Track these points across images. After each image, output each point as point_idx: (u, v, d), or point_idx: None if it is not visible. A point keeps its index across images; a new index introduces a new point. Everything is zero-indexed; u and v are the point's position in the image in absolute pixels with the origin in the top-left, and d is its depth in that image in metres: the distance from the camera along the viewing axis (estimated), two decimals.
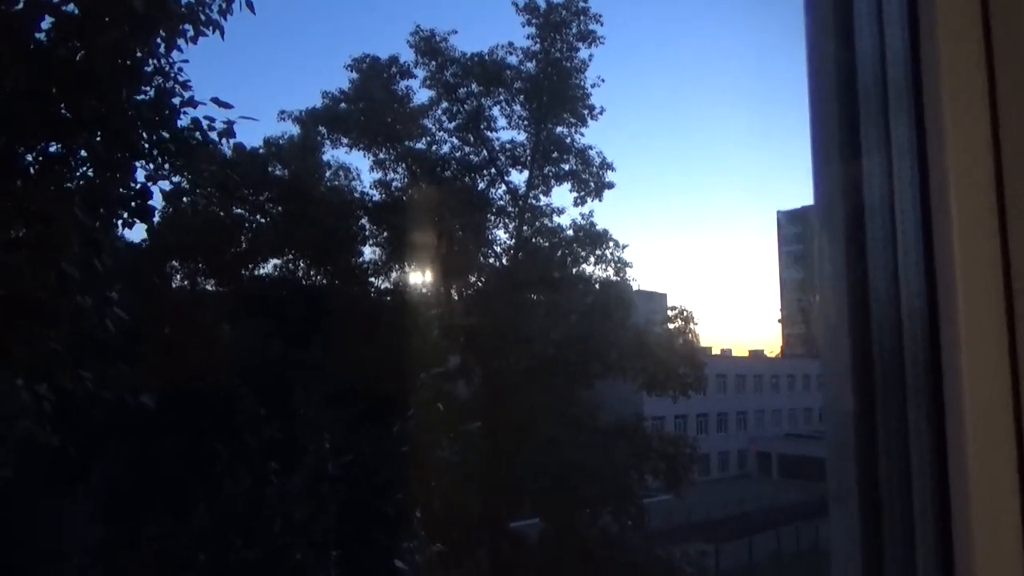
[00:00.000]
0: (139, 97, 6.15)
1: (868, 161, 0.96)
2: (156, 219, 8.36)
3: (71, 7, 5.98)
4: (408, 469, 9.21)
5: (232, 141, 6.60)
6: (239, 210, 20.55)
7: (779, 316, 55.02)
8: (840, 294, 0.98)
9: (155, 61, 6.74)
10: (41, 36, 5.84)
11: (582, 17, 23.24)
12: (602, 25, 23.28)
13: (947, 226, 0.87)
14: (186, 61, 7.02)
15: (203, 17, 6.94)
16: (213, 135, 6.61)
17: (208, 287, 20.16)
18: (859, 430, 0.97)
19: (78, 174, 6.13)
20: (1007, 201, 0.87)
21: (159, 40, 6.68)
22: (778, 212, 52.49)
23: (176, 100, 7.04)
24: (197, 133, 7.11)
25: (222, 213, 17.47)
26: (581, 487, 20.09)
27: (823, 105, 1.00)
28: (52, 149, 5.99)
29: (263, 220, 21.31)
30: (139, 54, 6.57)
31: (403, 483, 9.08)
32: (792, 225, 52.56)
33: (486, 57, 23.37)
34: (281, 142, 21.55)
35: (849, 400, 0.97)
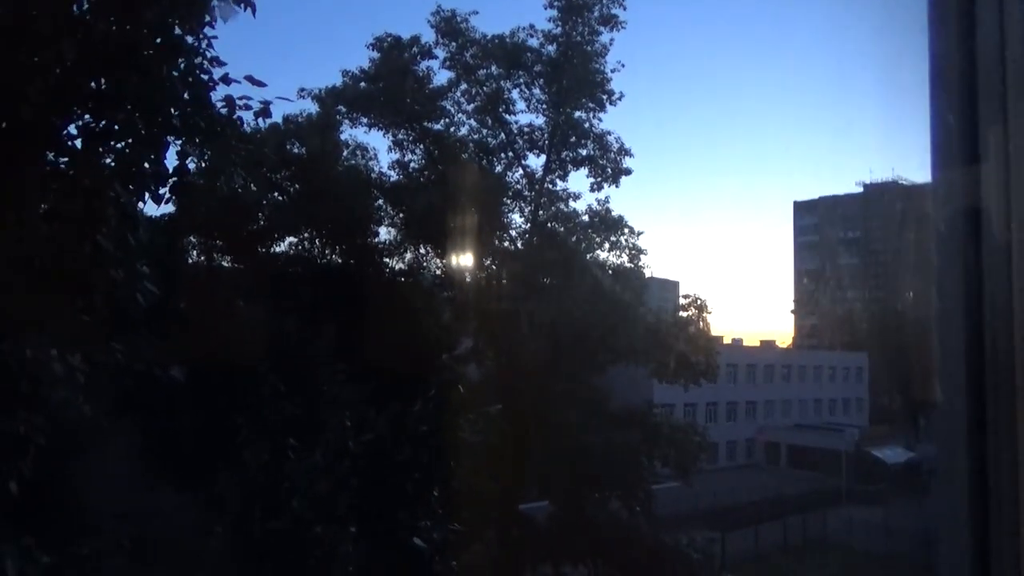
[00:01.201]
0: (174, 73, 6.18)
1: (986, 164, 0.98)
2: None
3: None
4: (428, 449, 9.31)
5: (267, 121, 6.63)
6: (256, 187, 20.61)
7: (792, 307, 54.82)
8: (957, 296, 1.00)
9: (191, 36, 6.77)
10: (82, 11, 5.89)
11: (604, 0, 23.02)
12: (625, 9, 23.08)
13: None
14: (215, 37, 7.06)
15: None
16: (247, 114, 6.65)
17: (224, 263, 20.29)
18: (971, 433, 0.99)
19: (116, 149, 6.18)
20: None
21: (193, 14, 6.71)
22: (794, 202, 52.15)
23: (207, 77, 7.07)
24: (226, 109, 7.14)
25: (254, 187, 17.39)
26: (591, 471, 20.24)
27: (942, 109, 1.03)
28: (91, 122, 6.04)
29: (281, 198, 21.38)
30: (178, 31, 6.60)
31: (423, 462, 9.19)
32: (808, 215, 52.24)
33: (507, 39, 23.22)
34: (300, 120, 21.55)
35: (961, 401, 0.99)
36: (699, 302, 25.77)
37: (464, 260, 22.05)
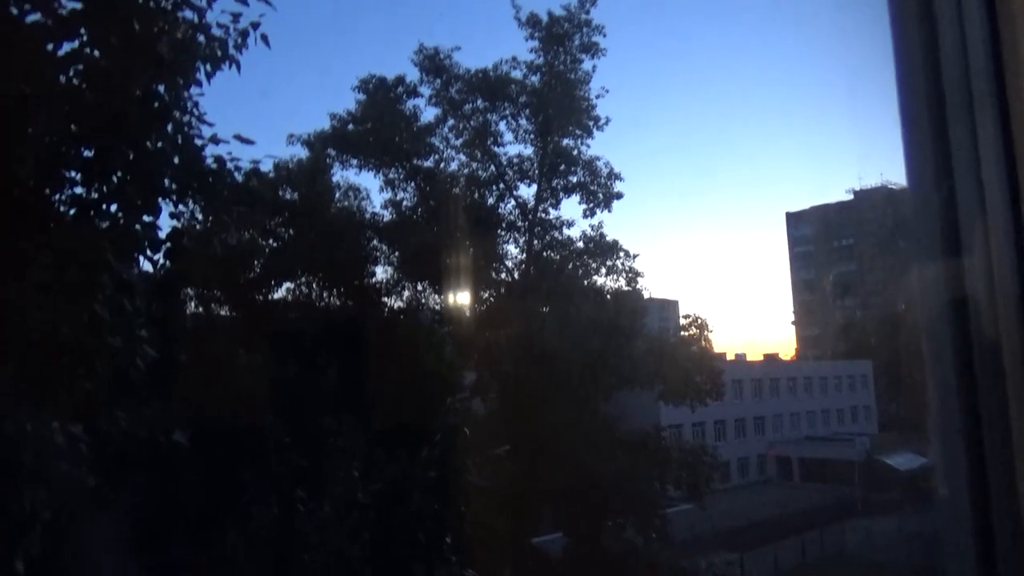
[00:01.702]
0: (161, 140, 6.20)
1: (958, 163, 0.98)
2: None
3: (97, 52, 6.05)
4: (438, 495, 9.19)
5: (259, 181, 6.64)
6: (250, 235, 20.63)
7: (792, 318, 54.81)
8: (940, 298, 1.01)
9: (177, 100, 6.81)
10: (70, 80, 5.91)
11: (585, 29, 23.32)
12: (605, 36, 23.38)
13: None
14: (202, 95, 7.10)
15: (220, 53, 7.01)
16: (237, 173, 6.66)
17: (222, 313, 20.22)
18: (968, 442, 0.99)
19: (108, 216, 6.17)
20: None
21: (180, 79, 6.75)
22: (787, 213, 52.37)
23: (196, 136, 7.10)
24: (219, 168, 7.16)
25: (248, 234, 17.40)
26: (603, 500, 20.03)
27: (913, 123, 1.03)
28: (82, 192, 6.04)
29: (276, 244, 21.41)
30: (164, 95, 6.64)
31: (434, 510, 9.07)
32: (801, 226, 52.43)
33: (490, 72, 23.49)
34: (291, 165, 21.67)
35: (956, 412, 0.99)
36: (700, 320, 25.84)
37: (462, 294, 22.03)
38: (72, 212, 6.06)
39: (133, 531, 9.38)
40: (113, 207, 6.52)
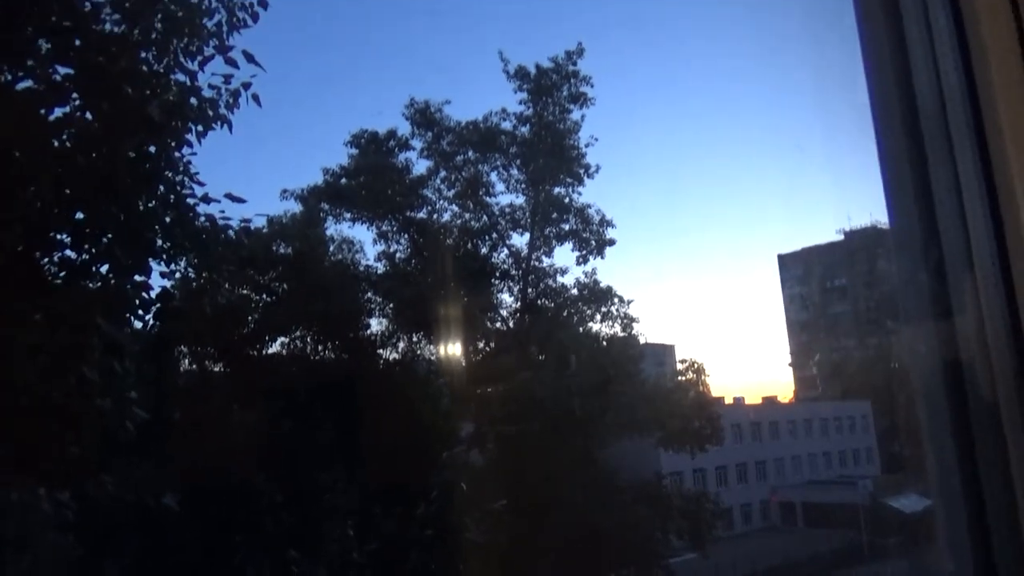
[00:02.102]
0: (153, 200, 6.24)
1: (940, 200, 0.98)
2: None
3: (88, 116, 6.12)
4: (435, 553, 8.98)
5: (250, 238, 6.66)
6: (245, 291, 20.62)
7: (789, 360, 54.64)
8: (933, 361, 0.99)
9: (169, 160, 6.87)
10: (62, 144, 5.96)
11: (572, 80, 23.76)
12: (592, 87, 23.80)
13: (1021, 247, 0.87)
14: (194, 154, 7.17)
15: (211, 113, 7.11)
16: (230, 232, 6.68)
17: (216, 370, 20.05)
18: (965, 486, 0.96)
19: (98, 278, 6.16)
20: None
21: (171, 140, 6.83)
22: (779, 255, 52.67)
23: (188, 195, 7.15)
24: (208, 223, 7.18)
25: (241, 291, 17.45)
26: (605, 552, 19.63)
27: (891, 146, 1.02)
28: (72, 255, 6.04)
29: (269, 299, 21.36)
30: (154, 154, 6.70)
31: (430, 569, 8.85)
32: (793, 268, 52.67)
33: (480, 124, 23.84)
34: (284, 220, 21.77)
35: (957, 479, 0.96)
36: (696, 365, 25.78)
37: (457, 345, 21.94)
38: (62, 275, 6.04)
39: None
40: (104, 268, 6.52)
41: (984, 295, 0.95)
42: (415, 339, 22.85)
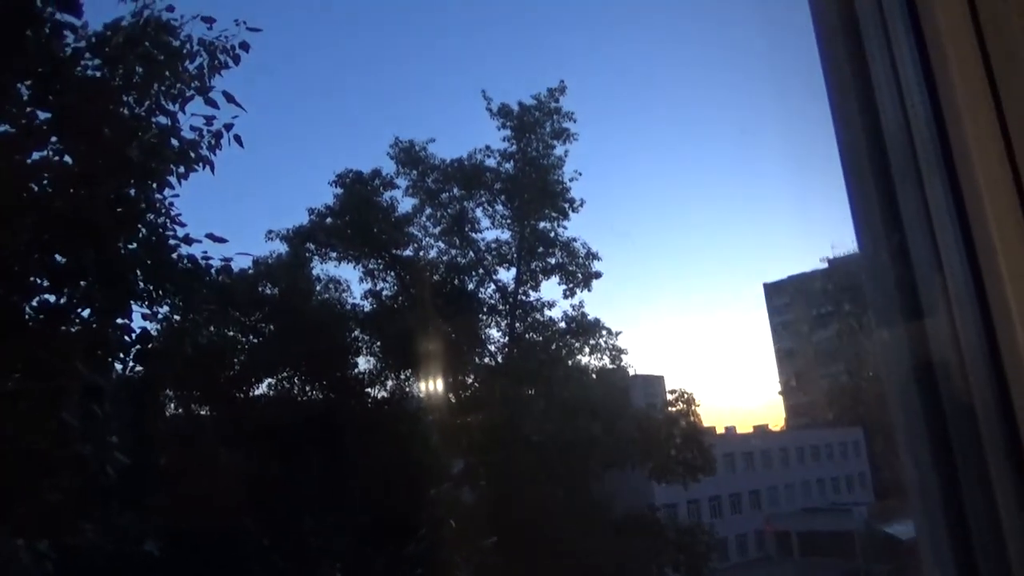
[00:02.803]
0: (133, 242, 6.22)
1: (911, 231, 0.98)
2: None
3: (67, 159, 6.13)
4: None
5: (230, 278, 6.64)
6: (231, 332, 20.50)
7: (779, 388, 54.64)
8: (902, 355, 0.99)
9: (148, 202, 6.87)
10: (40, 188, 5.96)
11: (555, 116, 24.09)
12: (575, 122, 24.12)
13: (997, 277, 0.89)
14: (176, 196, 7.18)
15: (193, 155, 7.14)
16: (210, 271, 6.67)
17: (203, 412, 19.82)
18: (947, 509, 0.96)
19: (77, 321, 6.11)
20: None
21: (152, 181, 6.84)
22: (764, 284, 53.01)
23: (169, 236, 7.14)
24: (192, 267, 7.16)
25: (215, 339, 17.43)
26: None
27: (858, 180, 1.03)
28: (51, 299, 5.99)
29: (256, 340, 21.22)
30: (134, 196, 6.70)
31: None
32: (780, 296, 52.98)
33: (465, 161, 24.07)
34: (270, 261, 21.74)
35: (935, 485, 0.96)
36: (686, 395, 25.67)
37: (446, 381, 21.82)
38: (41, 318, 5.99)
39: None
40: (84, 312, 6.47)
41: (955, 297, 0.96)
42: (403, 376, 22.72)
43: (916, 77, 0.99)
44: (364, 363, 22.65)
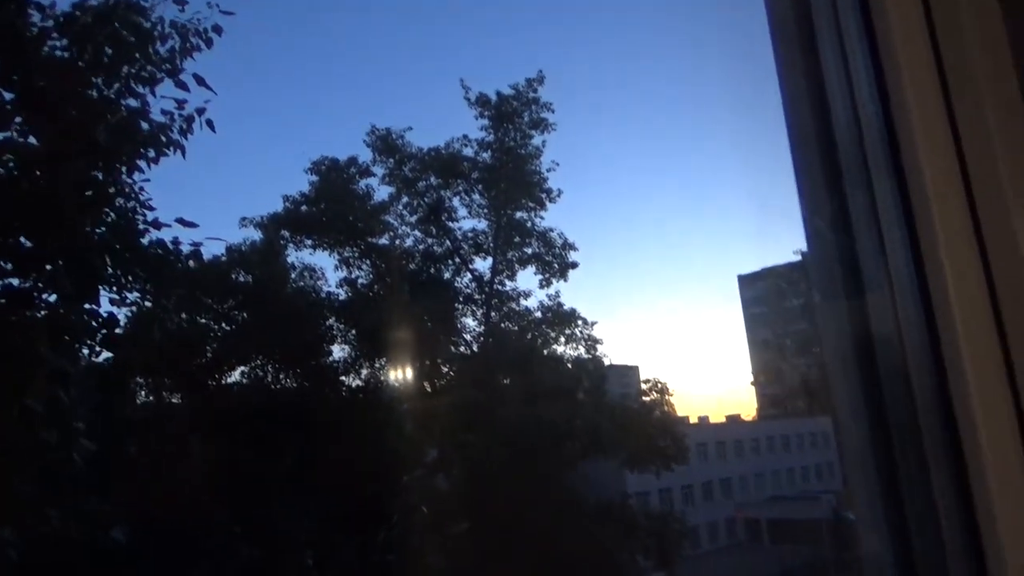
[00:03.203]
0: (102, 226, 6.12)
1: (857, 225, 1.00)
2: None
3: (33, 140, 6.02)
4: None
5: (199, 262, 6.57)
6: (203, 320, 20.27)
7: (751, 378, 55.31)
8: (846, 351, 1.01)
9: (117, 186, 6.77)
10: (6, 169, 5.84)
11: (533, 107, 24.08)
12: (553, 112, 24.12)
13: (940, 272, 0.91)
14: (147, 180, 7.08)
15: (164, 139, 7.03)
16: (180, 255, 6.59)
17: (174, 400, 19.61)
18: (884, 493, 0.99)
19: (43, 306, 6.01)
20: (987, 245, 0.91)
21: (120, 165, 6.74)
22: (738, 276, 53.52)
23: (139, 221, 7.04)
24: (161, 252, 7.08)
25: (186, 326, 17.27)
26: (570, 573, 19.49)
27: (808, 175, 1.05)
28: (16, 283, 5.88)
29: (228, 328, 21.00)
30: (102, 180, 6.60)
31: None
32: (752, 288, 53.52)
33: (442, 150, 23.99)
34: (244, 248, 21.50)
35: (869, 459, 0.99)
36: (660, 385, 25.93)
37: (421, 369, 21.80)
38: (4, 303, 5.88)
39: None
40: (50, 297, 6.37)
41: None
42: (378, 365, 22.65)
43: (868, 77, 1.01)
44: (339, 351, 22.55)
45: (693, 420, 42.96)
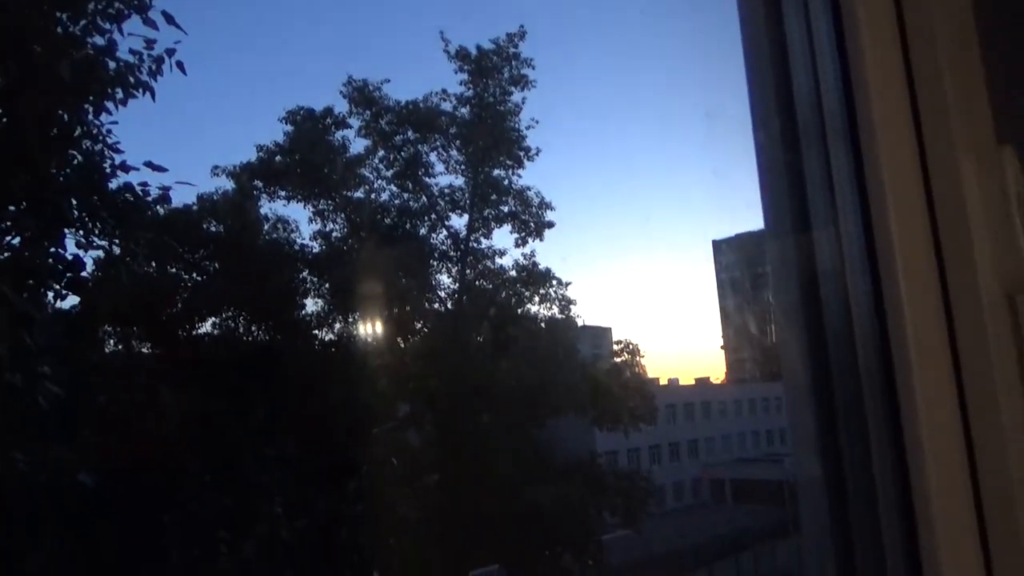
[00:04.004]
0: (68, 168, 5.96)
1: (812, 190, 1.01)
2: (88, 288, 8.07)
3: None
4: (365, 529, 8.94)
5: (168, 206, 6.46)
6: (174, 269, 20.01)
7: (721, 343, 56.13)
8: (797, 318, 1.03)
9: (83, 126, 6.59)
10: None
11: (514, 62, 23.73)
12: (534, 69, 23.81)
13: (891, 265, 0.93)
14: (115, 122, 6.90)
15: (132, 80, 6.83)
16: (148, 199, 6.46)
17: (144, 351, 19.44)
18: (824, 451, 1.01)
19: (5, 245, 5.87)
20: (938, 219, 0.93)
21: (87, 105, 6.54)
22: (713, 240, 53.84)
23: (106, 165, 6.88)
24: (130, 197, 6.94)
25: (156, 275, 17.08)
26: (539, 529, 19.90)
27: (769, 143, 1.06)
28: None
29: (200, 278, 20.76)
30: (67, 120, 6.41)
31: (362, 544, 8.82)
32: (728, 253, 53.94)
33: (420, 104, 23.62)
34: (216, 198, 21.14)
35: (811, 422, 1.01)
36: (632, 347, 26.22)
37: (394, 325, 21.79)
38: None
39: None
40: (13, 240, 6.23)
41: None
42: (351, 319, 22.59)
43: (829, 45, 1.01)
44: (312, 305, 22.44)
45: (663, 382, 43.64)
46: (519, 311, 23.92)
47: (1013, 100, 0.91)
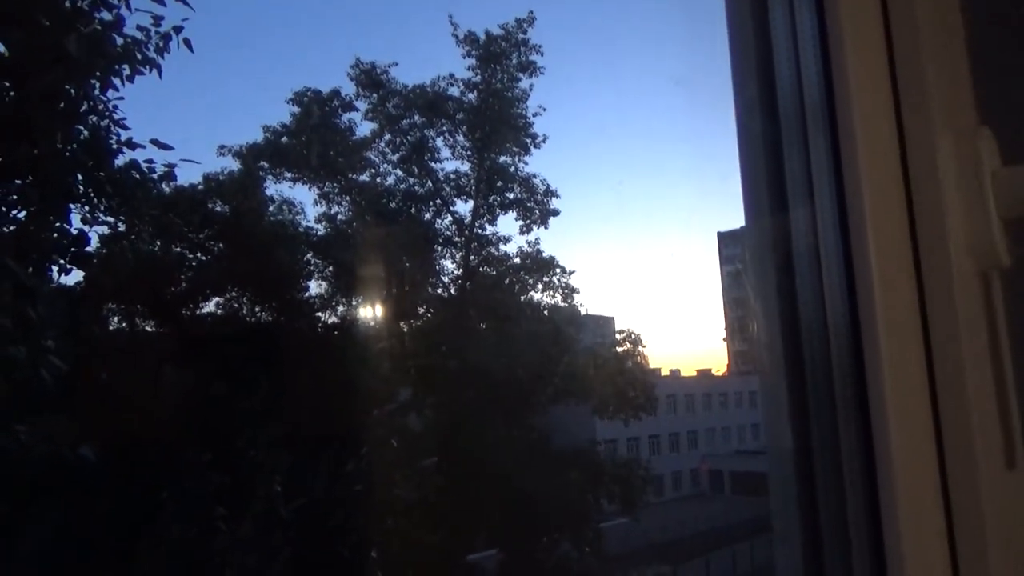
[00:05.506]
0: (73, 143, 5.98)
1: (791, 183, 1.03)
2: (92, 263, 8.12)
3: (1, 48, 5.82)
4: (364, 510, 9.02)
5: (173, 184, 6.48)
6: (178, 248, 20.07)
7: (724, 335, 56.18)
8: (772, 311, 1.05)
9: (89, 102, 6.60)
10: None
11: (522, 48, 23.64)
12: (542, 55, 23.72)
13: (864, 243, 0.94)
14: (121, 99, 6.91)
15: (140, 56, 6.84)
16: (153, 176, 6.48)
17: (148, 328, 19.56)
18: (796, 441, 1.03)
19: (10, 218, 5.90)
20: (913, 197, 0.94)
21: (94, 80, 6.55)
22: (718, 232, 53.79)
23: (112, 141, 6.90)
24: (135, 174, 6.97)
25: (161, 254, 17.15)
26: (537, 515, 20.03)
27: (750, 135, 1.07)
28: None
29: (204, 258, 20.82)
30: (73, 94, 6.42)
31: (359, 525, 8.89)
32: (732, 245, 53.90)
33: (428, 89, 23.55)
34: (221, 178, 21.15)
35: (785, 414, 1.03)
36: (634, 336, 26.26)
37: (397, 309, 21.85)
38: None
39: (40, 555, 8.90)
40: (19, 213, 6.26)
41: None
42: (355, 302, 22.65)
43: (811, 24, 1.01)
44: (315, 287, 22.50)
45: (665, 372, 43.70)
46: (522, 298, 23.96)
47: (994, 83, 0.92)
